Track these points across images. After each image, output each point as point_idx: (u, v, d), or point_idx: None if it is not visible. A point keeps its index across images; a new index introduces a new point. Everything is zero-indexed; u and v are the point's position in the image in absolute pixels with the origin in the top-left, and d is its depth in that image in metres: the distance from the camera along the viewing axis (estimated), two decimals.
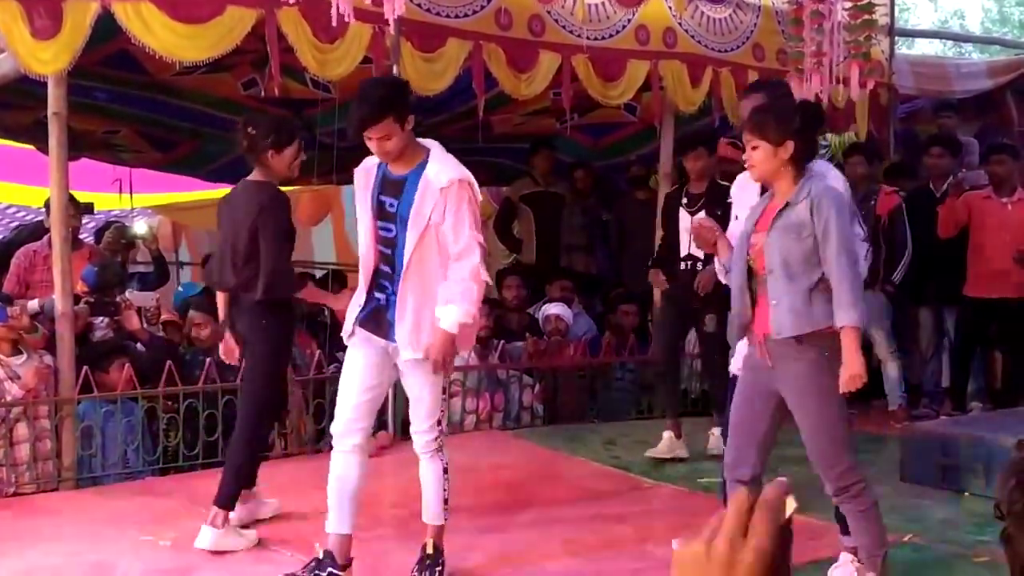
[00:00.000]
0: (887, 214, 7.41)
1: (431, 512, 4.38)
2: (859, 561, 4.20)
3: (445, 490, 4.36)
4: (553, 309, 7.95)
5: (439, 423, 4.35)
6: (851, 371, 3.88)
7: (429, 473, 4.38)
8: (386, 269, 4.27)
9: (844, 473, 4.11)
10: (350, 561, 4.33)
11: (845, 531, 4.31)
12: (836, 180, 4.28)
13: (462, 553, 4.71)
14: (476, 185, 4.22)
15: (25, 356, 5.92)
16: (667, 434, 6.30)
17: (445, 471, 4.37)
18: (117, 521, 5.22)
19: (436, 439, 4.34)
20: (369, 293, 4.30)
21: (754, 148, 4.05)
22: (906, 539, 4.84)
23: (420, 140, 4.25)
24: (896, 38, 9.46)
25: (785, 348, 3.96)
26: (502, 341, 7.44)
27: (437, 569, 4.32)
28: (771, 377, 4.05)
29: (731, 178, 7.76)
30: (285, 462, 6.30)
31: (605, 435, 6.83)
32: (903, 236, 7.36)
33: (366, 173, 4.32)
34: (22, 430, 5.79)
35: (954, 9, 31.99)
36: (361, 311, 4.30)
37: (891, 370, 7.47)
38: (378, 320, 4.28)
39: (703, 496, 5.61)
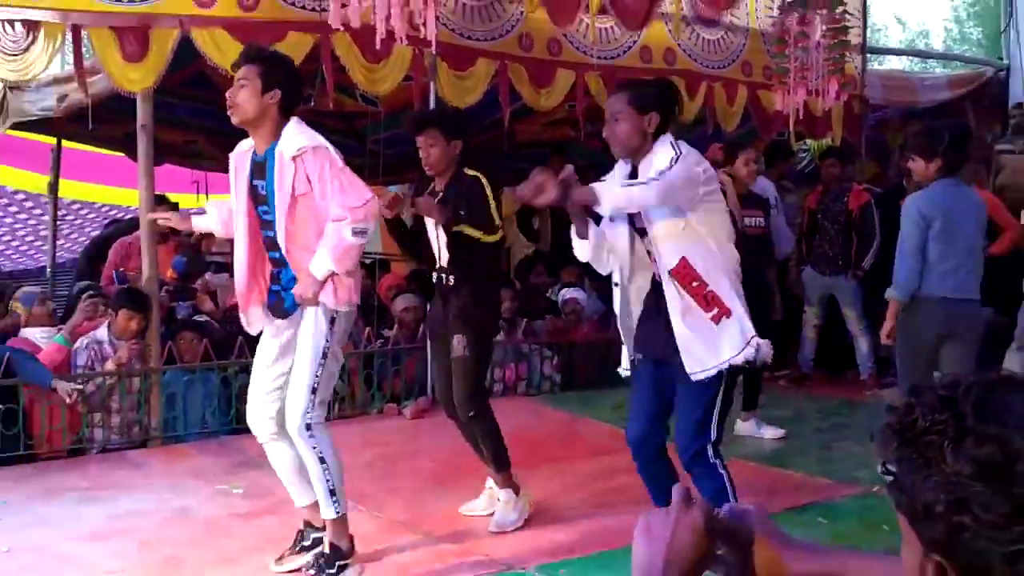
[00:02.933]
0: (858, 209, 7.38)
1: (321, 507, 3.69)
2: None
3: (328, 480, 3.63)
4: (571, 293, 7.98)
5: (313, 392, 3.61)
6: None
7: (306, 460, 3.65)
8: (274, 255, 3.72)
9: None
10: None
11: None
12: None
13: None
14: (333, 150, 3.60)
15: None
16: (488, 487, 4.54)
17: (322, 460, 3.61)
18: (197, 473, 5.27)
19: (305, 414, 3.60)
20: (267, 290, 3.77)
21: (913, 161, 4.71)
22: (875, 490, 4.84)
23: (294, 120, 3.67)
24: (868, 55, 9.39)
25: None
26: (525, 319, 7.49)
27: (329, 572, 3.65)
28: None
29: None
30: (337, 424, 6.36)
31: (614, 400, 6.82)
32: (872, 228, 7.31)
33: (239, 158, 3.75)
34: (117, 397, 5.87)
35: (920, 29, 31.68)
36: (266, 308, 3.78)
37: (862, 344, 7.44)
38: (278, 309, 3.76)
39: None
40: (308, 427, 3.59)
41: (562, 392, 7.33)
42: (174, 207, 8.30)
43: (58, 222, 9.86)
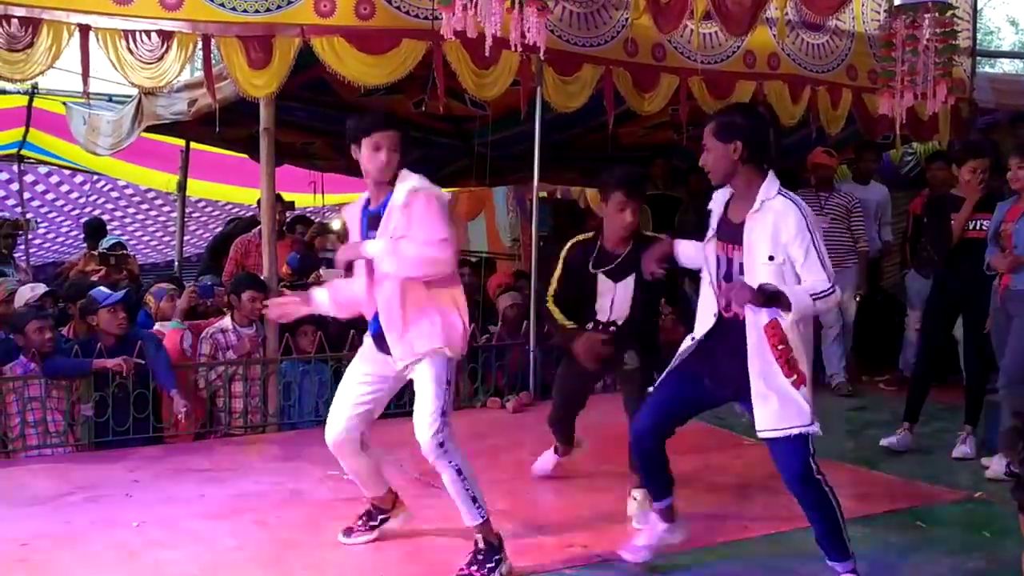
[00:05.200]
0: None
1: (463, 515, 3.73)
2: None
3: (468, 490, 3.67)
4: None
5: (443, 414, 3.65)
6: None
7: (444, 480, 3.70)
8: None
9: None
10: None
11: None
12: None
13: (588, 495, 4.77)
14: (430, 191, 3.68)
15: (252, 328, 6.24)
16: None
17: (459, 472, 3.66)
18: (310, 458, 5.41)
19: (437, 434, 3.62)
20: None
21: (1021, 168, 5.17)
22: (977, 495, 4.72)
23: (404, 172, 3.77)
24: (979, 58, 9.08)
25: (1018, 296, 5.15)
26: None
27: (488, 565, 3.68)
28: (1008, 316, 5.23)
29: (825, 183, 7.66)
30: None
31: None
32: None
33: (351, 220, 3.95)
34: (238, 385, 6.09)
35: None
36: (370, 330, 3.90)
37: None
38: (379, 340, 3.81)
39: None
40: (441, 444, 3.63)
41: None
42: (290, 205, 8.58)
43: (185, 219, 10.24)
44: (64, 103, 9.33)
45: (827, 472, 3.52)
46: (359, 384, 3.94)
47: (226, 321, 6.23)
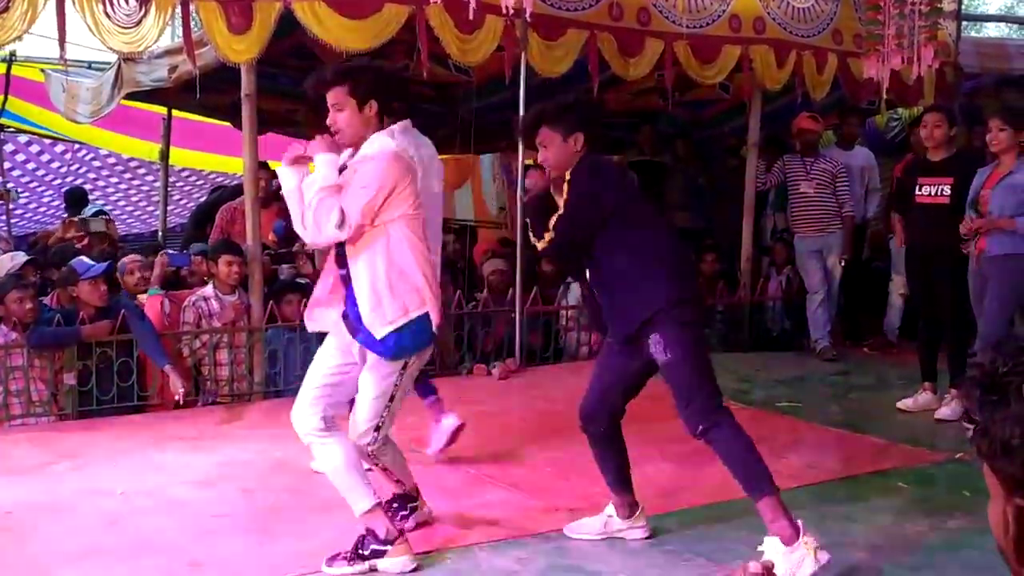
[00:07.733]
0: None
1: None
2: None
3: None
4: None
5: (376, 429, 3.49)
6: None
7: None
8: (343, 272, 3.51)
9: None
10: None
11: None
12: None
13: (576, 459, 4.77)
14: (383, 160, 3.34)
15: (236, 295, 6.20)
16: None
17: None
18: None
19: (368, 447, 3.51)
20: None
21: (1002, 131, 5.24)
22: (958, 456, 4.75)
23: (394, 128, 3.51)
24: (964, 22, 9.05)
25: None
26: None
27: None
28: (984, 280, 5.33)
29: (810, 148, 7.64)
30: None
31: None
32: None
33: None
34: (223, 353, 6.06)
35: None
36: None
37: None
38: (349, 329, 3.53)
39: (780, 417, 5.57)
40: (371, 455, 3.59)
41: None
42: (275, 174, 8.49)
43: (169, 188, 10.15)
44: (42, 70, 9.20)
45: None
46: (328, 359, 3.71)
47: (208, 288, 6.19)
